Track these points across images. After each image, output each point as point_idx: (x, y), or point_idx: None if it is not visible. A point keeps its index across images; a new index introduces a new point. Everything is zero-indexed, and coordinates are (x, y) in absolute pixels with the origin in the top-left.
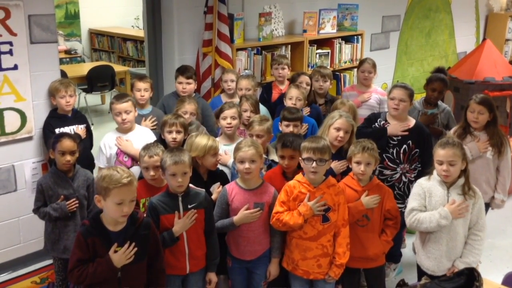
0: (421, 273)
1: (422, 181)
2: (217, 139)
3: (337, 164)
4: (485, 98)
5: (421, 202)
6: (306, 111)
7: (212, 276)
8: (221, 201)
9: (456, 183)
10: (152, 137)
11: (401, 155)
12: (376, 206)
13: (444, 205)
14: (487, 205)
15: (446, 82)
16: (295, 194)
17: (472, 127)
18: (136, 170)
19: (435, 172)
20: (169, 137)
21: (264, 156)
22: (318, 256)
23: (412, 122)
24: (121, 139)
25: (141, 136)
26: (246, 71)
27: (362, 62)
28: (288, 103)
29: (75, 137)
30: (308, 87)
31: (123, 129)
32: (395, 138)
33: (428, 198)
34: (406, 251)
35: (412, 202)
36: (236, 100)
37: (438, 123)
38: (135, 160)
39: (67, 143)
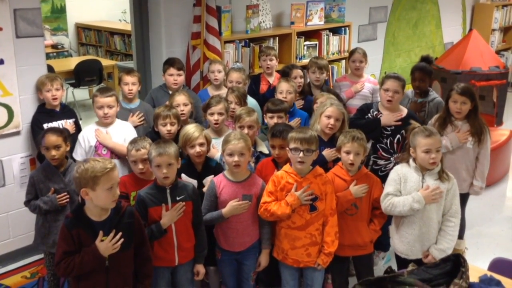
0: (399, 259)
1: (398, 168)
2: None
3: (329, 151)
4: (466, 88)
5: (396, 187)
6: (299, 104)
7: (200, 268)
8: (209, 193)
9: (431, 170)
10: (132, 132)
11: (395, 145)
12: (364, 195)
13: (419, 190)
14: (468, 194)
15: (426, 70)
16: (282, 184)
17: (454, 117)
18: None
19: (411, 160)
20: (163, 130)
21: (251, 148)
22: (307, 245)
23: (404, 111)
24: (100, 132)
25: (121, 130)
26: (238, 64)
27: (352, 52)
28: (279, 97)
29: (60, 131)
30: (302, 80)
31: (104, 123)
32: (388, 128)
33: (403, 183)
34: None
35: (388, 187)
36: (223, 92)
37: (426, 111)
38: (113, 153)
39: (50, 138)
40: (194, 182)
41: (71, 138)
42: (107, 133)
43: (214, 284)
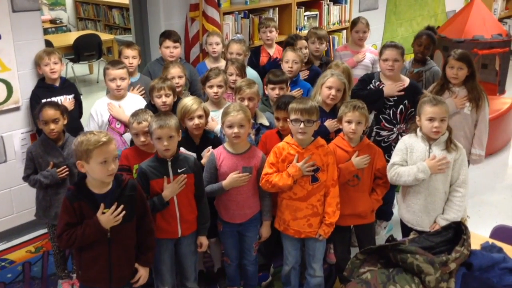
0: (404, 227)
1: (406, 138)
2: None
3: (331, 122)
4: (463, 54)
5: (402, 157)
6: (304, 74)
7: (203, 240)
8: (209, 165)
9: (438, 139)
10: (143, 105)
11: (398, 115)
12: (366, 166)
13: (425, 160)
14: (468, 163)
15: (433, 38)
16: (284, 155)
17: (452, 83)
18: (129, 136)
19: (418, 130)
20: (159, 102)
21: (252, 120)
22: (309, 215)
23: (406, 81)
24: (113, 105)
25: (133, 103)
26: (238, 35)
27: (355, 22)
28: (285, 66)
29: (57, 104)
30: (307, 51)
31: (116, 96)
32: (391, 99)
33: (409, 153)
34: (397, 210)
35: (394, 157)
36: (221, 64)
37: (423, 81)
38: (127, 126)
39: (48, 112)
40: (193, 155)
41: (70, 113)
42: (120, 107)
43: (216, 255)
